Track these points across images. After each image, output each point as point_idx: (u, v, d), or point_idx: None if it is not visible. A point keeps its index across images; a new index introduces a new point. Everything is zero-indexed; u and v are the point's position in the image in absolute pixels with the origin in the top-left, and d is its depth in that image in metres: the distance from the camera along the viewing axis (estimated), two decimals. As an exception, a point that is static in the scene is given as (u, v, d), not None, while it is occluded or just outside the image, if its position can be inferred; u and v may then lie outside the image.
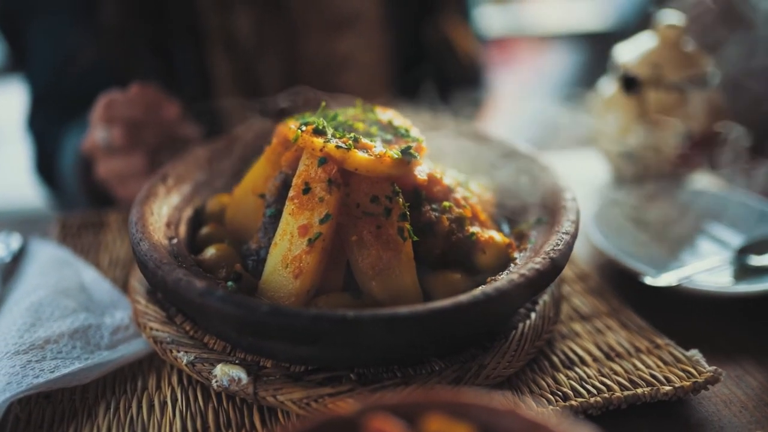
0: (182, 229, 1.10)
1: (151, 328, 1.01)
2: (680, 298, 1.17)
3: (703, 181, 1.64)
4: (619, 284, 1.23)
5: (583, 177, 1.64)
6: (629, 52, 1.55)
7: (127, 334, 1.07)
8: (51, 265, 1.22)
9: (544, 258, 0.92)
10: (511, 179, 1.19)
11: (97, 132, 1.39)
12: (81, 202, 1.66)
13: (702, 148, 1.51)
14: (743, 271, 1.22)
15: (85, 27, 1.69)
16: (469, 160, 1.25)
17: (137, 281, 1.13)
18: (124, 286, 1.20)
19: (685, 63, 1.49)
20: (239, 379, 0.91)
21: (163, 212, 1.09)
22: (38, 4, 1.73)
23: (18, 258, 1.27)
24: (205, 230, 1.11)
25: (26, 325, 1.04)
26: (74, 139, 1.63)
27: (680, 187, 1.51)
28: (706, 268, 1.20)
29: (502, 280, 0.87)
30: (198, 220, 1.16)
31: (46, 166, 1.80)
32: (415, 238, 0.95)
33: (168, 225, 1.07)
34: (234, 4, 1.74)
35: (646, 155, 1.53)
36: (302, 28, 1.83)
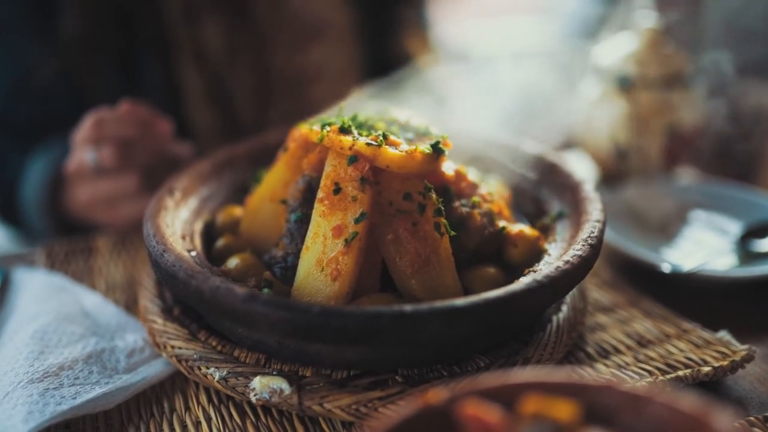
0: (197, 242, 1.05)
1: (173, 347, 0.96)
2: (692, 286, 1.19)
3: (688, 175, 1.67)
4: (628, 276, 1.24)
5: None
6: (611, 54, 1.59)
7: (144, 356, 1.02)
8: (47, 292, 1.15)
9: (583, 245, 0.92)
10: (524, 175, 1.19)
11: (85, 153, 1.32)
12: (45, 234, 1.55)
13: (687, 145, 1.56)
14: (748, 257, 1.25)
15: (44, 42, 1.59)
16: (477, 159, 1.25)
17: (148, 301, 1.07)
18: (128, 309, 1.14)
19: (666, 63, 1.54)
20: (281, 391, 0.86)
21: (176, 225, 1.04)
22: None
23: (3, 289, 1.20)
24: (221, 242, 1.06)
25: (34, 353, 0.97)
26: (37, 166, 1.53)
27: (669, 183, 1.54)
28: (714, 255, 1.23)
29: (549, 268, 0.87)
30: (209, 233, 1.12)
31: (3, 199, 1.69)
32: (452, 233, 0.94)
33: (183, 238, 1.03)
34: (202, 14, 1.68)
35: (634, 153, 1.56)
36: (271, 40, 1.79)
